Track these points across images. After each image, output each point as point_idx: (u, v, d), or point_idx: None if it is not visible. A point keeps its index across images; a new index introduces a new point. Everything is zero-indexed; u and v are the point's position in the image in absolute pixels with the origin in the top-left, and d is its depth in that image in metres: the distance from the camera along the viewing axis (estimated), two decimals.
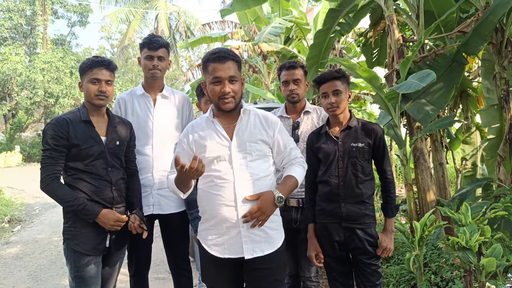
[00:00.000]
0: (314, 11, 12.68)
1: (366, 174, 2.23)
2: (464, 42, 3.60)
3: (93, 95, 2.23)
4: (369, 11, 5.04)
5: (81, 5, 26.04)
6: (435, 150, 4.09)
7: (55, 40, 27.34)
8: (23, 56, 21.06)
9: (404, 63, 3.56)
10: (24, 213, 8.19)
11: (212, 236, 1.90)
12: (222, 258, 1.87)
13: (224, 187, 1.84)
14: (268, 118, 1.98)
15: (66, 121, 2.18)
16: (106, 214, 2.19)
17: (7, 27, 23.22)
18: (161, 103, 2.70)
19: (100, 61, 2.25)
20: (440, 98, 3.69)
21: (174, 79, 29.92)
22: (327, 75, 2.25)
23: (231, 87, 1.83)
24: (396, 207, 2.28)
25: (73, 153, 2.17)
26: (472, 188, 3.79)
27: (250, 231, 1.84)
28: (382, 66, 6.03)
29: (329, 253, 2.30)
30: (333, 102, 2.22)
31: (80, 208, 2.12)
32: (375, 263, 2.23)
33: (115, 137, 2.32)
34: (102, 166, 2.23)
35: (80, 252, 2.18)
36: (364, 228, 2.22)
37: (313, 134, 2.39)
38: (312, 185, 2.36)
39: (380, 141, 2.24)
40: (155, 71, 2.61)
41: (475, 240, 2.40)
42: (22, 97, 20.62)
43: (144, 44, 2.63)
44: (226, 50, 1.85)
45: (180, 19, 22.97)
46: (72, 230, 2.20)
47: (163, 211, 2.61)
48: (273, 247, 1.89)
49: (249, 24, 9.61)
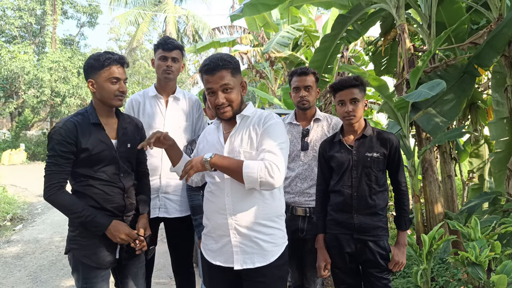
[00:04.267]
0: (323, 18, 12.69)
1: (380, 185, 2.17)
2: (477, 53, 3.56)
3: (113, 95, 2.04)
4: (380, 20, 5.02)
5: (91, 6, 26.20)
6: (443, 162, 4.03)
7: (64, 40, 27.49)
8: (32, 55, 21.18)
9: (414, 72, 3.52)
10: (26, 211, 8.18)
11: (209, 242, 1.91)
12: (215, 264, 1.85)
13: (216, 194, 1.84)
14: (261, 118, 1.84)
15: (74, 124, 1.99)
16: (116, 226, 2.01)
17: (17, 25, 23.38)
18: (173, 105, 2.69)
19: (118, 59, 2.06)
20: (450, 110, 3.64)
21: (181, 82, 30.02)
22: (344, 82, 2.18)
23: (226, 96, 1.77)
24: (409, 220, 2.22)
25: (82, 159, 1.99)
26: (480, 201, 3.73)
27: (241, 241, 1.80)
28: (391, 76, 5.99)
29: (338, 264, 2.24)
30: (350, 110, 2.16)
31: (88, 219, 1.95)
32: (386, 277, 2.17)
33: (126, 140, 2.15)
34: (114, 172, 2.07)
35: (88, 265, 2.01)
36: (377, 240, 2.15)
37: (326, 142, 2.33)
38: (324, 194, 2.30)
39: (396, 152, 2.19)
40: (169, 72, 2.59)
41: (485, 255, 2.34)
42: (29, 95, 20.71)
43: (159, 45, 2.61)
44: (216, 60, 1.75)
45: (188, 22, 23.08)
46: (79, 240, 2.02)
47: (168, 214, 2.59)
48: (266, 261, 1.80)
49: (257, 29, 9.63)
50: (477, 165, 5.01)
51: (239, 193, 1.80)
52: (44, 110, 23.46)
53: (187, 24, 23.13)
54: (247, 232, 1.79)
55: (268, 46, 7.00)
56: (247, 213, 1.79)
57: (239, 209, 1.80)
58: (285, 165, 1.78)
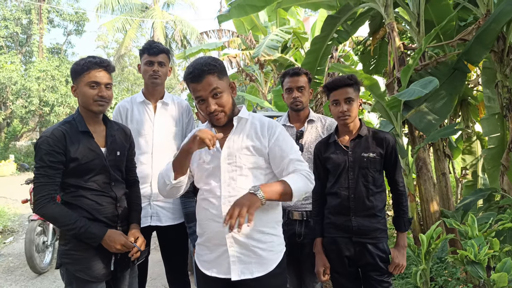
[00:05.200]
0: (310, 20, 12.71)
1: (377, 186, 2.13)
2: (466, 50, 3.56)
3: (92, 100, 1.95)
4: (368, 19, 5.01)
5: (77, 14, 25.99)
6: (437, 159, 4.02)
7: (51, 49, 27.23)
8: (19, 65, 20.95)
9: (405, 70, 3.50)
10: (17, 223, 8.01)
11: (203, 252, 1.81)
12: (210, 276, 1.76)
13: (212, 202, 1.73)
14: (265, 125, 1.79)
15: (62, 133, 1.91)
16: (112, 235, 1.93)
17: (3, 35, 23.10)
18: (162, 110, 2.63)
19: (98, 62, 1.96)
20: (442, 107, 3.63)
21: (171, 88, 29.88)
22: (339, 82, 2.14)
23: (217, 101, 1.69)
24: (408, 221, 2.17)
25: (71, 169, 1.92)
26: (476, 198, 3.73)
27: (238, 250, 1.71)
28: (380, 75, 5.99)
29: (337, 268, 2.18)
30: (345, 110, 2.11)
31: (82, 231, 1.87)
32: (387, 281, 2.12)
33: (115, 147, 2.07)
34: (105, 181, 2.00)
35: (83, 279, 1.94)
36: (376, 242, 2.10)
37: (321, 144, 2.28)
38: (320, 197, 2.25)
39: (392, 151, 2.14)
40: (156, 77, 2.54)
41: (484, 253, 2.32)
42: (17, 105, 20.44)
43: (144, 50, 2.55)
44: (200, 66, 1.67)
45: (176, 28, 23.00)
46: (73, 254, 1.94)
47: (161, 222, 2.52)
48: (265, 270, 1.72)
49: (246, 32, 9.59)
50: (470, 161, 5.02)
51: (234, 200, 1.67)
52: (33, 120, 23.17)
53: (175, 30, 23.05)
54: (245, 241, 1.71)
55: (258, 50, 6.96)
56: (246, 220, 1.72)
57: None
58: None
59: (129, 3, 23.13)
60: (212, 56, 2.71)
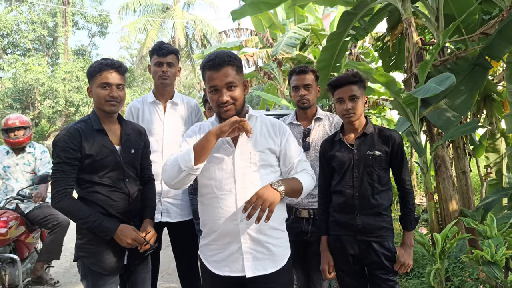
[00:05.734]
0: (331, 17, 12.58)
1: (383, 184, 2.10)
2: (487, 44, 3.44)
3: (104, 100, 2.04)
4: (386, 15, 4.91)
5: (101, 16, 26.58)
6: (457, 157, 3.91)
7: (76, 51, 27.93)
8: (45, 66, 21.59)
9: (422, 66, 3.41)
10: None
11: (212, 252, 1.79)
12: (222, 276, 1.75)
13: (225, 199, 1.72)
14: (276, 126, 1.85)
15: (78, 131, 2.01)
16: (123, 230, 1.99)
17: (31, 38, 23.87)
18: (172, 110, 2.69)
19: (110, 64, 2.05)
20: (462, 104, 3.52)
21: (192, 87, 30.18)
22: (343, 79, 2.11)
23: (230, 93, 1.70)
24: (415, 219, 2.14)
25: (86, 165, 2.01)
26: (498, 197, 3.60)
27: (252, 247, 1.72)
28: (401, 71, 5.87)
29: (342, 267, 2.17)
30: (349, 108, 2.09)
31: (96, 224, 1.95)
32: (393, 279, 2.09)
33: (130, 145, 2.15)
34: (119, 178, 2.07)
35: (97, 272, 2.02)
36: (381, 241, 2.08)
37: (326, 142, 2.26)
38: (326, 195, 2.24)
39: (398, 149, 2.11)
40: (165, 78, 2.60)
41: (502, 253, 2.24)
42: (45, 106, 21.09)
43: (153, 51, 2.62)
44: (222, 56, 1.70)
45: (196, 27, 23.20)
46: (88, 248, 2.04)
47: (171, 218, 2.59)
48: (277, 266, 1.76)
49: (263, 30, 9.59)
50: (494, 159, 4.85)
51: (249, 195, 1.67)
52: (59, 120, 23.87)
53: (195, 29, 23.26)
54: (259, 237, 1.73)
55: (277, 48, 6.95)
56: None
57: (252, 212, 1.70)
58: None
59: (150, 4, 23.50)
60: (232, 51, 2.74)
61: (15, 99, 20.05)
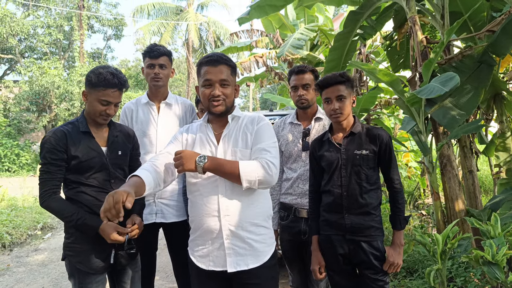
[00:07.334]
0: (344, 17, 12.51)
1: (371, 183, 2.10)
2: (492, 41, 3.40)
3: (99, 114, 2.11)
4: (393, 13, 4.88)
5: (115, 19, 26.98)
6: (464, 156, 3.86)
7: (92, 54, 28.40)
8: (61, 70, 21.99)
9: (426, 65, 3.38)
10: (56, 220, 8.40)
11: (198, 247, 1.86)
12: (207, 270, 1.81)
13: (208, 196, 1.79)
14: (254, 119, 1.89)
15: (64, 133, 2.07)
16: (105, 229, 2.01)
17: (47, 42, 24.36)
18: (165, 111, 2.72)
19: (117, 83, 2.08)
20: (468, 102, 3.47)
21: None
22: (330, 79, 2.13)
23: (222, 90, 1.79)
24: (405, 219, 2.12)
25: (73, 166, 2.06)
26: (506, 197, 3.55)
27: (233, 243, 1.77)
28: (409, 70, 5.81)
29: (333, 266, 2.18)
30: (336, 108, 2.10)
31: (80, 222, 2.01)
32: (382, 279, 2.08)
33: (117, 147, 2.21)
34: (105, 178, 2.12)
35: (83, 271, 2.07)
36: (370, 240, 2.08)
37: (316, 142, 2.28)
38: (316, 195, 2.25)
39: (386, 148, 2.10)
40: (157, 79, 2.64)
41: (503, 254, 2.21)
42: (61, 108, 21.49)
43: (146, 54, 2.67)
44: (219, 55, 1.83)
45: (209, 29, 23.35)
46: (74, 247, 2.10)
47: (165, 219, 2.62)
48: (259, 261, 1.81)
49: (274, 31, 9.59)
50: (504, 158, 4.75)
51: (233, 193, 1.77)
52: None
53: (208, 31, 23.40)
54: (240, 233, 1.78)
55: (282, 49, 6.94)
56: (241, 213, 1.77)
57: (233, 209, 1.77)
58: (279, 162, 1.82)
59: (164, 7, 23.75)
60: None
61: (31, 102, 20.47)
